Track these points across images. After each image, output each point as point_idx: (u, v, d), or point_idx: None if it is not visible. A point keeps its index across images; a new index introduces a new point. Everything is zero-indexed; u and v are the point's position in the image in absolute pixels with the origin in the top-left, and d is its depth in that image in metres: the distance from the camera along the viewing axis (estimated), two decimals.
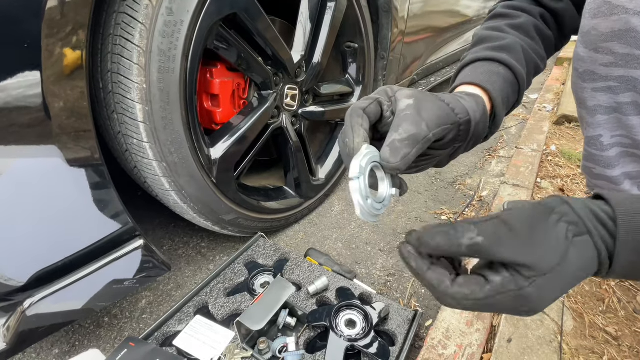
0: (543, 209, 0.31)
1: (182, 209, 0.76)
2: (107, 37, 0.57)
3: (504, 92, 0.48)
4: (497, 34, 0.54)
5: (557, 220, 0.30)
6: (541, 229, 0.29)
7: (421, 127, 0.35)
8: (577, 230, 0.30)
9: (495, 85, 0.47)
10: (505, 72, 0.49)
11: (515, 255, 0.28)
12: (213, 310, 0.72)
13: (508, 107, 0.52)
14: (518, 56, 0.51)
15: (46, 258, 0.55)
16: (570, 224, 0.30)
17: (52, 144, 0.49)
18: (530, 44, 0.55)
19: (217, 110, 0.81)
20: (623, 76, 0.51)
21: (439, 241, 0.29)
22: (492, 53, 0.50)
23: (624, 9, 0.45)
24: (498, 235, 0.28)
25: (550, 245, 0.29)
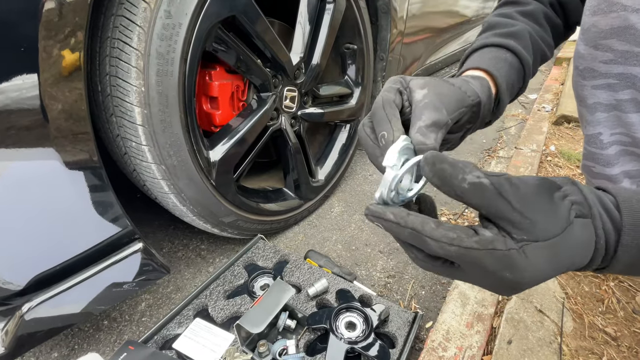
0: (550, 183, 0.30)
1: (181, 212, 0.76)
2: (105, 39, 0.56)
3: (509, 78, 0.48)
4: (506, 21, 0.55)
5: (562, 196, 0.29)
6: (545, 198, 0.28)
7: (442, 113, 0.35)
8: (581, 211, 0.29)
9: (501, 71, 0.47)
10: (511, 58, 0.50)
11: (513, 212, 0.26)
12: (213, 313, 0.72)
13: (513, 93, 0.52)
14: (525, 43, 0.52)
15: (45, 261, 0.54)
16: (575, 203, 0.29)
17: (50, 147, 0.49)
18: (539, 32, 0.56)
19: (216, 113, 0.81)
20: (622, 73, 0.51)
21: (445, 167, 0.26)
22: (499, 39, 0.51)
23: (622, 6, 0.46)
24: (502, 187, 0.26)
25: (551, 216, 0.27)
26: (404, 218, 0.28)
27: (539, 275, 0.27)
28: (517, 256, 0.26)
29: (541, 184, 0.29)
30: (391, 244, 1.01)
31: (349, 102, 1.14)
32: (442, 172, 0.27)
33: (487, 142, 1.66)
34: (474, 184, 0.26)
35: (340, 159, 1.18)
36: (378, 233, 1.05)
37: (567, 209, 0.28)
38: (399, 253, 0.98)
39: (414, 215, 0.28)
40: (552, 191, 0.29)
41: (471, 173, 0.26)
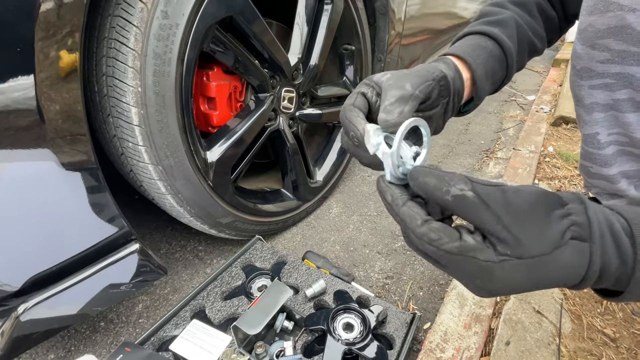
0: (555, 199, 0.28)
1: (179, 213, 0.76)
2: (101, 40, 0.56)
3: (487, 65, 0.49)
4: (496, 9, 0.56)
5: (562, 215, 0.28)
6: (540, 214, 0.27)
7: (405, 88, 0.37)
8: (579, 233, 0.27)
9: (478, 58, 0.48)
10: (492, 46, 0.51)
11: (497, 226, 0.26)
12: (210, 314, 0.71)
13: (495, 81, 0.53)
14: (510, 31, 0.53)
15: (41, 262, 0.54)
16: (574, 224, 0.27)
17: (46, 148, 0.49)
18: (529, 22, 0.56)
19: (214, 113, 0.81)
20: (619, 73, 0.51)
21: (429, 180, 0.27)
22: (484, 27, 0.52)
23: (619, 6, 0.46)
24: (490, 199, 0.26)
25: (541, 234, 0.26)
26: (398, 206, 0.29)
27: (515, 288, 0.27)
28: (495, 268, 0.26)
29: (541, 198, 0.28)
30: (389, 245, 1.01)
31: None
32: (425, 185, 0.28)
33: (486, 143, 1.66)
34: (457, 197, 0.26)
35: (339, 160, 1.18)
36: (376, 234, 1.05)
37: (561, 229, 0.27)
38: (397, 254, 0.97)
39: (407, 206, 0.29)
40: (551, 208, 0.28)
41: (455, 185, 0.26)
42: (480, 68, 0.48)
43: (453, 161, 1.49)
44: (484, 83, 0.49)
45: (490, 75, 0.50)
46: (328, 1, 0.89)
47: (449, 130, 1.78)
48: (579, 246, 0.27)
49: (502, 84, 0.56)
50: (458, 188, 0.26)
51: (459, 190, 0.26)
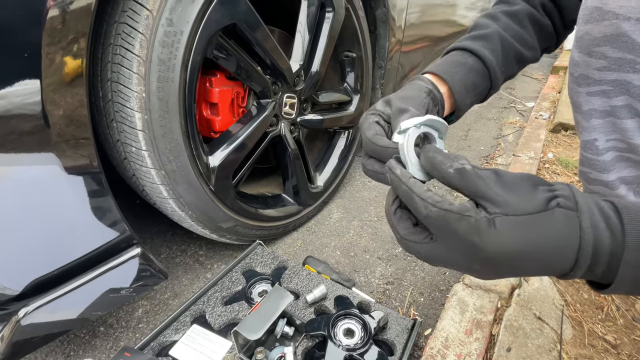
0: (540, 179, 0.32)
1: (180, 217, 0.76)
2: (107, 46, 0.57)
3: (467, 79, 0.54)
4: (484, 22, 0.59)
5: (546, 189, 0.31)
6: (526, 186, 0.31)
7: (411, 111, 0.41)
8: (565, 204, 0.29)
9: (456, 75, 0.53)
10: (473, 61, 0.55)
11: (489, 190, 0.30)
12: (210, 319, 0.71)
13: (479, 93, 0.57)
14: (493, 45, 0.56)
15: (42, 266, 0.54)
16: (559, 196, 0.30)
17: (51, 152, 0.49)
18: (518, 33, 0.59)
19: (216, 119, 0.82)
20: (616, 80, 0.52)
21: (436, 155, 0.32)
22: (466, 42, 0.56)
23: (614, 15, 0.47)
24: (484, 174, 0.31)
25: (527, 197, 0.30)
26: (406, 177, 0.33)
27: (505, 247, 0.29)
28: (486, 223, 0.29)
29: (529, 177, 0.32)
30: (390, 251, 1.01)
31: (348, 109, 1.14)
32: (433, 159, 0.32)
33: (486, 150, 1.67)
34: (458, 169, 0.31)
35: (339, 165, 1.19)
36: (377, 239, 1.05)
37: (547, 197, 0.30)
38: (398, 260, 0.97)
39: (414, 179, 0.33)
40: (537, 184, 0.31)
41: (458, 161, 0.31)
42: (459, 84, 0.53)
43: None
44: (464, 96, 0.54)
45: (471, 88, 0.54)
46: (329, 9, 0.91)
47: (449, 137, 1.79)
48: (566, 214, 0.29)
49: (488, 94, 0.60)
50: (460, 163, 0.31)
51: (460, 165, 0.31)
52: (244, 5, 0.69)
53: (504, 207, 0.29)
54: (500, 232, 0.28)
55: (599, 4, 0.48)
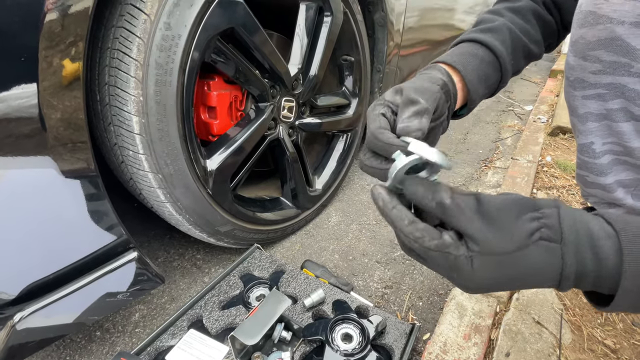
0: (528, 204, 0.31)
1: (178, 221, 0.76)
2: (105, 50, 0.57)
3: (479, 70, 0.52)
4: (490, 17, 0.58)
5: (531, 218, 0.30)
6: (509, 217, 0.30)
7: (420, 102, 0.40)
8: (550, 235, 0.29)
9: (469, 65, 0.51)
10: (484, 52, 0.53)
11: (467, 226, 0.30)
12: (207, 324, 0.71)
13: (490, 85, 0.55)
14: (502, 37, 0.55)
15: (38, 270, 0.54)
16: (545, 226, 0.30)
17: (47, 155, 0.49)
18: (523, 27, 0.58)
19: (214, 122, 0.82)
20: (611, 83, 0.52)
21: (418, 189, 0.32)
22: (475, 34, 0.54)
23: (608, 19, 0.47)
24: (464, 206, 0.30)
25: (508, 234, 0.29)
26: (388, 209, 0.33)
27: (484, 283, 0.31)
28: (464, 263, 0.30)
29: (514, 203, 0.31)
30: (388, 254, 1.00)
31: (346, 112, 1.15)
32: (415, 194, 0.33)
33: (484, 153, 1.67)
34: (439, 204, 0.31)
35: (338, 169, 1.19)
36: (375, 243, 1.05)
37: (529, 230, 0.29)
38: (396, 263, 0.97)
39: (397, 209, 0.33)
40: (523, 212, 0.30)
41: (438, 193, 0.31)
42: (472, 74, 0.51)
43: (452, 170, 1.50)
44: (477, 87, 0.52)
45: (483, 80, 0.53)
46: (328, 13, 0.91)
47: (447, 140, 1.79)
48: (549, 247, 0.29)
49: (497, 87, 0.58)
50: (439, 196, 0.31)
51: (439, 199, 0.31)
52: (242, 10, 0.69)
53: (483, 246, 0.29)
54: (477, 271, 0.30)
55: (593, 8, 0.48)
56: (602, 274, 0.29)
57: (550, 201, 0.32)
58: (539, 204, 0.31)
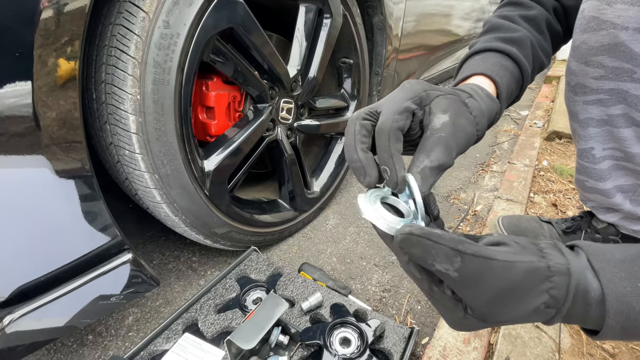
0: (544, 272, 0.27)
1: (174, 222, 0.74)
2: (102, 48, 0.56)
3: (509, 87, 0.47)
4: (509, 24, 0.53)
5: (542, 290, 0.27)
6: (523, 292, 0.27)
7: (452, 156, 0.34)
8: (552, 304, 0.28)
9: (503, 79, 0.46)
10: (512, 67, 0.48)
11: (474, 301, 0.28)
12: (202, 327, 0.69)
13: (509, 102, 0.51)
14: (526, 52, 0.51)
15: (29, 272, 0.53)
16: (552, 297, 0.27)
17: (41, 154, 0.48)
18: (539, 40, 0.54)
19: (212, 123, 0.81)
20: (613, 89, 0.52)
21: (415, 252, 0.27)
22: (502, 45, 0.49)
23: (612, 24, 0.47)
24: (474, 279, 0.27)
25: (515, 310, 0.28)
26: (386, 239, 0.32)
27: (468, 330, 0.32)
28: (462, 319, 0.30)
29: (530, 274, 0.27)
30: (386, 257, 1.00)
31: (344, 114, 1.14)
32: (412, 256, 0.28)
33: (481, 157, 1.68)
34: (442, 274, 0.27)
35: (336, 171, 1.18)
36: (373, 246, 1.04)
37: (536, 306, 0.27)
38: (395, 267, 0.96)
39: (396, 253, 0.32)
40: (537, 284, 0.27)
41: (441, 263, 0.26)
42: (505, 90, 0.46)
43: (448, 174, 1.50)
44: (504, 104, 0.47)
45: (509, 95, 0.48)
46: (327, 16, 0.91)
47: None
48: (545, 311, 0.28)
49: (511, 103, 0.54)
50: (443, 266, 0.26)
51: (443, 269, 0.27)
52: (242, 10, 0.68)
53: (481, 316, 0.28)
54: (467, 325, 0.30)
55: (596, 13, 0.48)
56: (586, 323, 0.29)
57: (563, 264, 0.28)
58: (553, 269, 0.27)
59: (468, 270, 0.26)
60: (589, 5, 0.49)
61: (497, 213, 1.10)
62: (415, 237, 0.27)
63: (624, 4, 0.45)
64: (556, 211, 1.19)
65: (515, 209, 1.14)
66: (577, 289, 0.28)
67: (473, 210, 1.22)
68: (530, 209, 1.20)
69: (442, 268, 0.26)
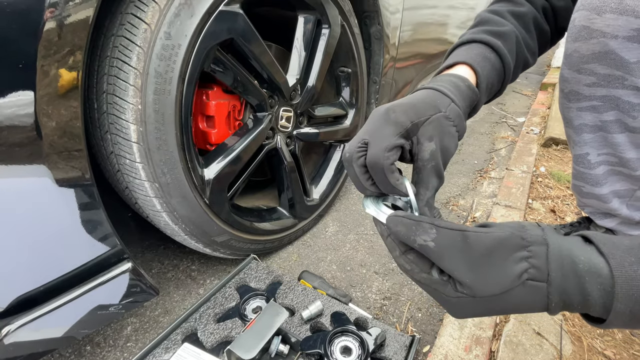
0: (517, 243, 0.30)
1: (173, 231, 0.74)
2: (104, 58, 0.57)
3: (489, 78, 0.49)
4: (497, 19, 0.55)
5: (520, 258, 0.30)
6: (499, 258, 0.30)
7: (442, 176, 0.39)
8: (537, 275, 0.29)
9: (484, 70, 0.48)
10: (495, 59, 0.50)
11: (456, 271, 0.30)
12: (202, 337, 0.69)
13: (490, 94, 0.53)
14: (511, 46, 0.53)
15: (28, 282, 0.52)
16: (533, 267, 0.29)
17: (42, 164, 0.48)
18: (525, 37, 0.56)
19: (212, 131, 0.81)
20: (606, 95, 0.53)
21: (399, 230, 0.32)
22: (488, 37, 0.51)
23: (601, 33, 0.48)
24: (450, 247, 0.30)
25: (496, 277, 0.29)
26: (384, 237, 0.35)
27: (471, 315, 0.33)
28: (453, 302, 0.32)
29: (502, 242, 0.30)
30: (386, 265, 0.99)
31: (343, 122, 1.15)
32: (397, 234, 0.33)
33: (479, 163, 1.69)
34: (422, 246, 0.31)
35: (335, 178, 1.19)
36: (373, 253, 1.04)
37: (517, 272, 0.29)
38: (395, 274, 0.96)
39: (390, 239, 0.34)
40: (511, 251, 0.30)
41: (420, 236, 0.31)
42: (484, 80, 0.48)
43: (447, 180, 1.50)
44: (484, 96, 0.49)
45: (489, 87, 0.50)
46: (326, 26, 0.93)
47: None
48: (535, 286, 0.29)
49: (494, 96, 0.56)
50: (422, 238, 0.31)
51: (422, 241, 0.31)
52: (242, 21, 0.70)
53: (470, 290, 0.30)
54: (464, 307, 0.32)
55: (586, 23, 0.49)
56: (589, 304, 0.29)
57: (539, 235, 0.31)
58: (529, 240, 0.30)
59: (444, 240, 0.30)
60: (580, 15, 0.51)
61: (496, 219, 1.10)
62: (399, 217, 0.33)
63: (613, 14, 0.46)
64: (555, 217, 1.20)
65: (514, 215, 1.15)
66: (562, 262, 0.29)
67: (472, 217, 1.22)
68: (529, 215, 1.20)
69: (422, 240, 0.31)
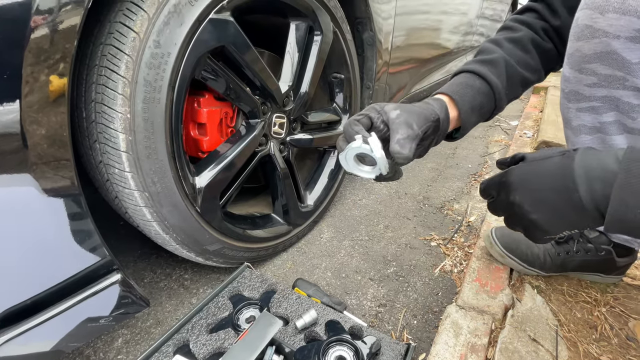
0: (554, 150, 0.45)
1: (164, 240, 0.73)
2: (92, 67, 0.56)
3: (474, 101, 0.58)
4: (491, 47, 0.63)
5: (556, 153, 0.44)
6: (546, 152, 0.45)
7: (413, 128, 0.47)
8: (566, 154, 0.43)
9: (465, 96, 0.58)
10: (480, 84, 0.59)
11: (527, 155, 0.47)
12: (194, 348, 0.67)
13: (484, 113, 0.62)
14: (499, 70, 0.60)
15: (14, 295, 0.51)
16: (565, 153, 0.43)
17: (27, 173, 0.47)
18: (522, 58, 0.63)
19: (204, 139, 0.81)
20: (606, 96, 0.53)
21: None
22: (474, 66, 0.61)
23: (604, 33, 0.48)
24: None
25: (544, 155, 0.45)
26: None
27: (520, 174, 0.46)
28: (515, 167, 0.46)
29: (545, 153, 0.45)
30: (381, 271, 0.99)
31: (337, 128, 1.15)
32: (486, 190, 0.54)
33: (473, 167, 1.69)
34: None
35: (330, 184, 1.18)
36: (368, 260, 1.03)
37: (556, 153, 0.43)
38: (390, 281, 0.96)
39: None
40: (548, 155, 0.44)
41: None
42: (466, 105, 0.57)
43: (442, 185, 1.51)
44: (469, 116, 0.58)
45: (477, 109, 0.59)
46: (318, 32, 0.93)
47: (437, 155, 1.82)
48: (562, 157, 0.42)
49: (492, 114, 0.64)
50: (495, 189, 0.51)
51: None
52: (233, 28, 0.69)
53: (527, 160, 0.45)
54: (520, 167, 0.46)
55: (589, 22, 0.50)
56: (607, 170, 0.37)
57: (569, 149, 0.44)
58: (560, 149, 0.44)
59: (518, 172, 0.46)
60: (583, 13, 0.51)
61: (491, 224, 1.10)
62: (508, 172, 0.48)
63: (615, 13, 0.46)
64: None
65: None
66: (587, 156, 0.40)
67: (467, 221, 1.22)
68: None
69: None
